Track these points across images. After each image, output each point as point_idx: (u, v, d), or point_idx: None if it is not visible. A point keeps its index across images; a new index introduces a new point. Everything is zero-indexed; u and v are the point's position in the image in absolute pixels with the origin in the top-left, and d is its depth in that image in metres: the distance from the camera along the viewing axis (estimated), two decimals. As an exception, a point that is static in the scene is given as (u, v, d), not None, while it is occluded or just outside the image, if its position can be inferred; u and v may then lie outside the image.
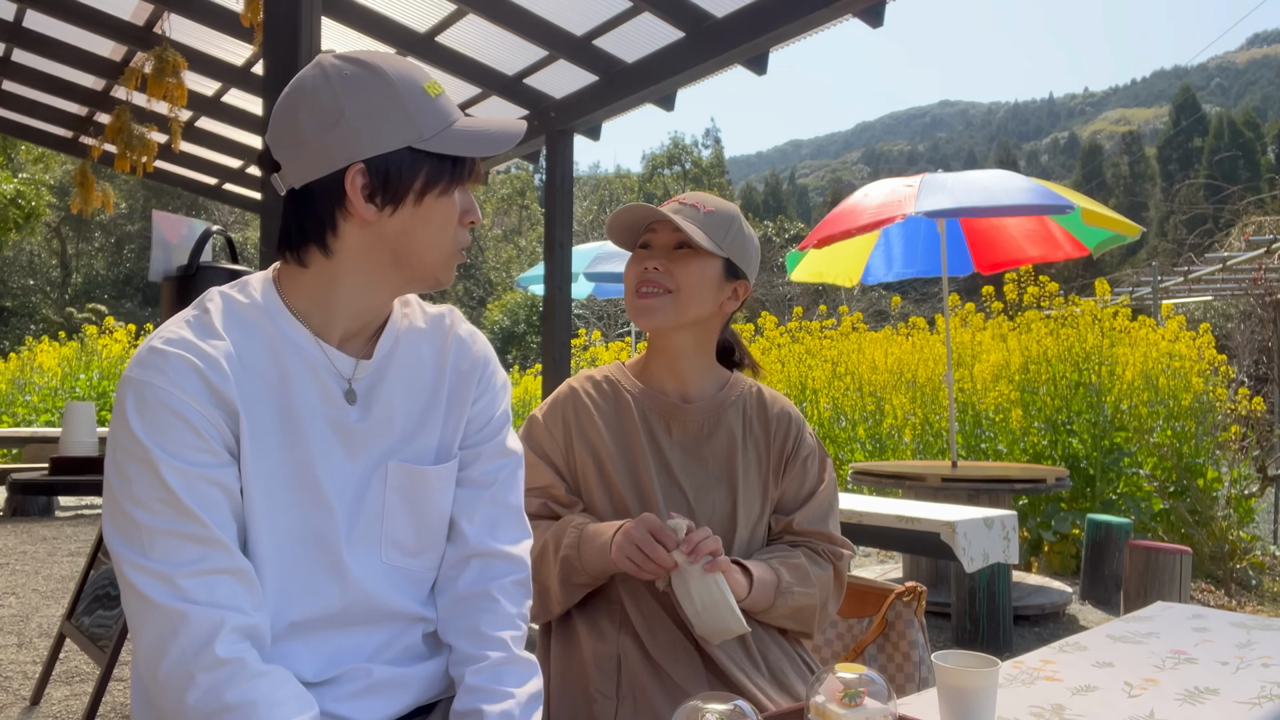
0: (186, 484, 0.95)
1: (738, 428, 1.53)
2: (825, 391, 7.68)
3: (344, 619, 1.08)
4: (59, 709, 2.95)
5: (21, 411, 10.33)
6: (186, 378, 0.97)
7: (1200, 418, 5.87)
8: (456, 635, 1.15)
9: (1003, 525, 3.37)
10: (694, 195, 1.50)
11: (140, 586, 0.93)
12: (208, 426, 0.98)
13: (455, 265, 1.11)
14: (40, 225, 20.15)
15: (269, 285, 1.09)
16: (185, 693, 0.91)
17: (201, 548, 0.95)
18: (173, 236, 2.92)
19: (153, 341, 1.00)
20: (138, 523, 0.94)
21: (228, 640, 0.93)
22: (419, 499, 1.13)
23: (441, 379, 1.17)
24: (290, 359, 1.06)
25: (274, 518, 1.02)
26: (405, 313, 1.18)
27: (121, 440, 0.97)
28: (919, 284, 26.09)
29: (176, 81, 5.30)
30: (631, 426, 1.49)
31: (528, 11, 4.53)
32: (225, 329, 1.03)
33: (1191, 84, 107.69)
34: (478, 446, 1.20)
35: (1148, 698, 1.19)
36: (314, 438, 1.06)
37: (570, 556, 1.36)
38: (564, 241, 5.36)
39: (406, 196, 1.03)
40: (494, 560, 1.18)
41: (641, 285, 1.45)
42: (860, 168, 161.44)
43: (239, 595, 0.96)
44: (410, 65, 1.07)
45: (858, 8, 3.71)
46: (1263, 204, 14.71)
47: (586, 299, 9.53)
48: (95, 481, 2.66)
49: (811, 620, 1.48)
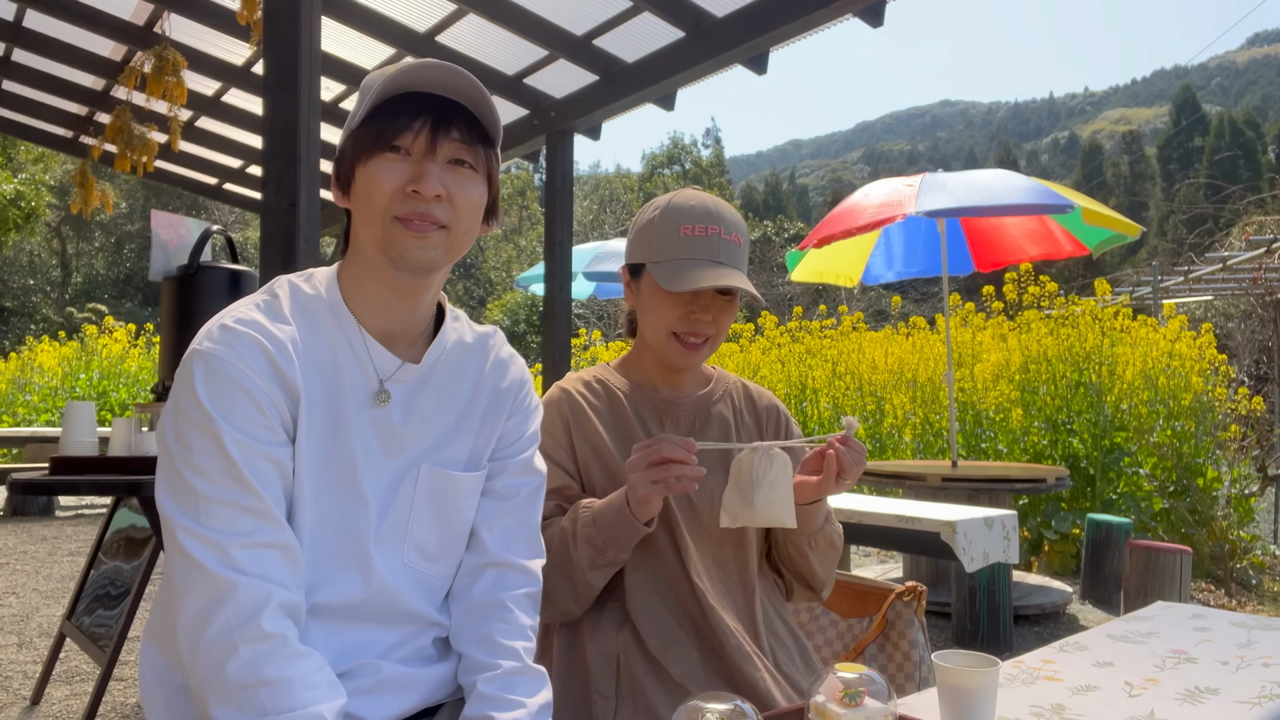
0: (247, 457, 0.97)
1: (729, 420, 1.55)
2: (825, 391, 7.68)
3: (363, 612, 1.09)
4: (59, 709, 2.95)
5: (21, 411, 10.32)
6: (255, 356, 1.00)
7: (1200, 417, 5.87)
8: (469, 643, 1.16)
9: (1003, 525, 3.37)
10: (730, 220, 1.46)
11: (193, 552, 0.94)
12: (270, 405, 1.00)
13: (406, 237, 1.05)
14: (40, 225, 20.16)
15: (332, 277, 1.13)
16: (226, 662, 0.92)
17: (255, 520, 0.97)
18: (172, 236, 2.93)
19: (224, 319, 1.03)
20: (195, 490, 0.96)
21: (273, 615, 0.95)
22: (446, 504, 1.15)
23: (480, 393, 1.20)
24: (343, 351, 1.09)
25: (315, 503, 1.05)
26: (455, 327, 1.22)
27: (185, 409, 0.98)
28: (919, 284, 26.10)
29: (176, 80, 5.30)
30: (627, 423, 1.50)
31: (528, 11, 4.53)
32: (292, 315, 1.07)
33: (1192, 83, 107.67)
34: (505, 460, 1.23)
35: (1148, 697, 1.19)
36: (357, 432, 1.08)
37: (591, 535, 1.34)
38: (564, 241, 5.36)
39: (353, 176, 1.08)
40: (509, 571, 1.19)
41: (689, 335, 1.45)
42: (860, 167, 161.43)
43: (286, 571, 0.98)
44: (398, 66, 1.06)
45: (858, 8, 3.71)
46: (1263, 204, 14.71)
47: (587, 299, 9.52)
48: (95, 481, 2.65)
49: (833, 567, 1.55)
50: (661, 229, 1.44)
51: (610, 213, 40.73)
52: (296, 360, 1.04)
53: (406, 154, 1.05)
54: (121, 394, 10.73)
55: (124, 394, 10.74)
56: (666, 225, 1.43)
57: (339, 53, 5.39)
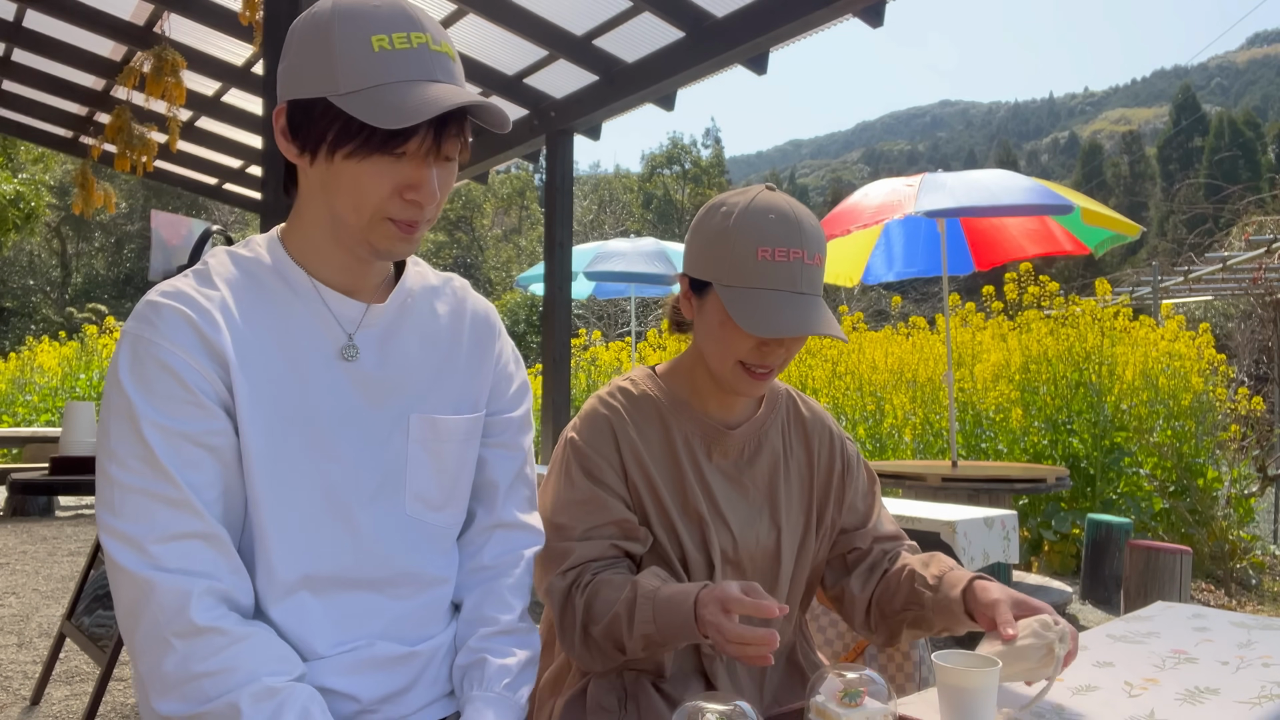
0: (166, 442, 0.93)
1: (779, 449, 1.41)
2: (825, 391, 7.68)
3: (358, 578, 1.06)
4: (59, 709, 2.95)
5: (21, 411, 10.33)
6: (178, 329, 0.96)
7: (1200, 417, 5.88)
8: (473, 595, 1.16)
9: (1003, 525, 3.37)
10: (814, 238, 1.26)
11: (112, 552, 0.92)
12: (198, 379, 0.96)
13: (396, 236, 1.01)
14: (40, 225, 20.15)
15: (272, 238, 1.08)
16: (162, 659, 0.91)
17: (172, 510, 0.93)
18: (172, 236, 2.93)
19: (149, 295, 0.99)
20: (112, 479, 0.93)
21: (201, 606, 0.92)
22: (443, 451, 1.12)
23: (458, 338, 1.16)
24: (293, 307, 1.04)
25: (278, 470, 1.00)
26: (417, 270, 1.17)
27: (109, 395, 0.95)
28: (919, 284, 26.09)
29: (175, 81, 5.30)
30: (672, 450, 1.35)
31: (528, 11, 4.53)
32: (225, 281, 1.02)
33: (1192, 83, 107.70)
34: (507, 414, 1.21)
35: (1148, 698, 1.19)
36: (324, 388, 1.03)
37: (650, 634, 1.18)
38: (564, 241, 5.37)
39: (320, 149, 0.97)
40: (518, 530, 1.20)
41: (758, 367, 1.29)
42: (860, 167, 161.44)
43: (211, 561, 0.94)
44: (382, 12, 0.96)
45: (858, 8, 3.72)
46: (1263, 204, 14.71)
47: (587, 299, 9.52)
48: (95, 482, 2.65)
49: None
50: (736, 245, 1.23)
51: (610, 213, 40.74)
52: (226, 325, 0.98)
53: (403, 154, 0.98)
54: (121, 394, 10.73)
55: (124, 394, 10.73)
56: (742, 242, 1.23)
57: (339, 53, 5.39)
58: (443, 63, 0.98)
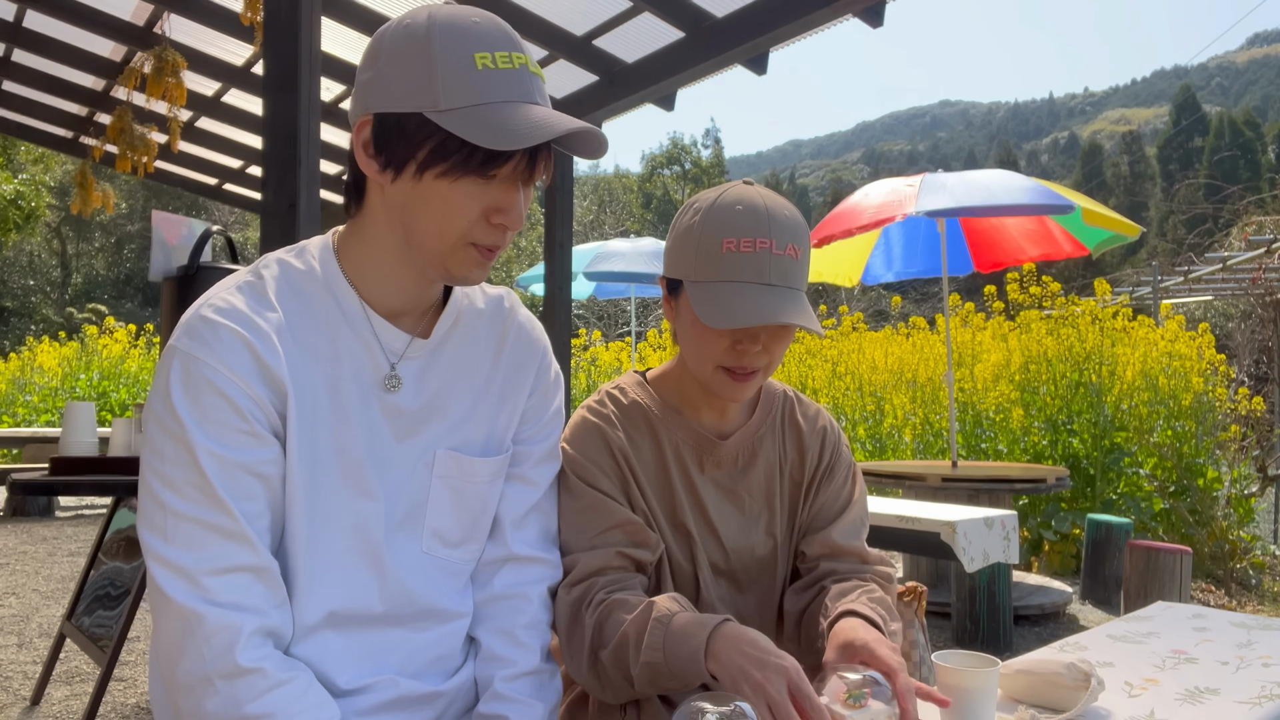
0: (222, 471, 0.90)
1: (774, 456, 1.36)
2: (825, 391, 7.68)
3: (381, 615, 1.03)
4: (59, 709, 2.94)
5: (21, 411, 10.32)
6: (235, 354, 0.91)
7: (1200, 417, 5.88)
8: (488, 634, 1.13)
9: (1003, 525, 3.37)
10: (784, 227, 1.18)
11: (160, 581, 0.89)
12: (253, 408, 0.92)
13: (475, 262, 0.98)
14: (40, 225, 20.16)
15: (326, 249, 1.03)
16: (204, 699, 0.88)
17: (226, 542, 0.90)
18: (173, 237, 2.92)
19: (202, 309, 0.94)
20: (164, 504, 0.89)
21: (248, 647, 0.89)
22: (466, 490, 1.09)
23: (497, 365, 1.12)
24: (343, 334, 1.00)
25: (315, 503, 0.97)
26: (466, 291, 1.12)
27: (160, 414, 0.91)
28: (919, 284, 26.09)
29: (176, 81, 5.30)
30: (663, 461, 1.30)
31: (527, 11, 4.53)
32: (280, 299, 0.97)
33: (1191, 84, 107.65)
34: (530, 444, 1.17)
35: (1148, 698, 1.19)
36: (362, 419, 1.00)
37: (656, 663, 1.09)
38: (564, 241, 5.36)
39: (407, 165, 0.93)
40: (532, 564, 1.16)
41: (739, 368, 1.22)
42: (860, 168, 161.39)
43: (261, 595, 0.92)
44: (483, 29, 0.95)
45: (858, 8, 3.71)
46: (1263, 204, 14.71)
47: (587, 299, 9.52)
48: (95, 482, 2.65)
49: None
50: (702, 239, 1.18)
51: (610, 213, 40.71)
52: (284, 351, 0.94)
53: (494, 176, 0.94)
54: (122, 394, 10.74)
55: (124, 394, 10.74)
56: (707, 236, 1.18)
57: (339, 53, 5.39)
58: (539, 85, 0.97)
